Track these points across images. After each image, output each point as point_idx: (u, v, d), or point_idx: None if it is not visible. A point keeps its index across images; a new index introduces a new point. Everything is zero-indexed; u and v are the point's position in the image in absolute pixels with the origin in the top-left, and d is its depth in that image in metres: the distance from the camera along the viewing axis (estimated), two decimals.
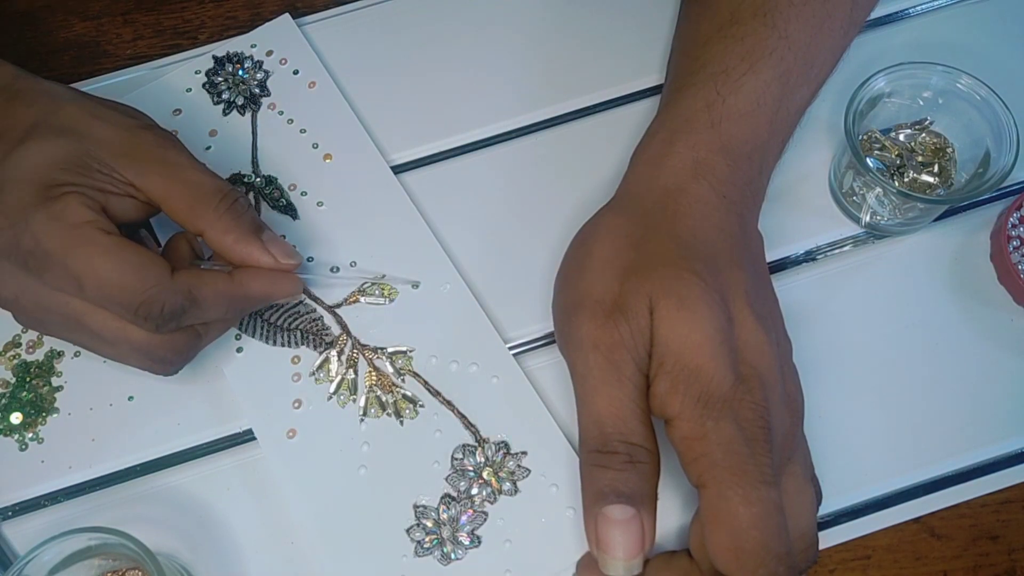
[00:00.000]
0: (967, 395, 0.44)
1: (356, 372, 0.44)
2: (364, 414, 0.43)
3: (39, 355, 0.45)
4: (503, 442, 0.42)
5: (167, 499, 0.43)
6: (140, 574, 0.41)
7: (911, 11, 0.52)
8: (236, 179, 0.48)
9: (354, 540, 0.41)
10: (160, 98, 0.50)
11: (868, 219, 0.46)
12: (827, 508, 0.42)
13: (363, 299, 0.45)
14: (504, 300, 0.46)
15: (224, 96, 0.50)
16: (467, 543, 0.41)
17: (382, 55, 0.52)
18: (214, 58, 0.51)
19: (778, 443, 0.34)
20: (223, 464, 0.43)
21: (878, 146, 0.46)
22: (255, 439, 0.43)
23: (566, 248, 0.41)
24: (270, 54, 0.51)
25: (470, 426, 0.43)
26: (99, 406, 0.44)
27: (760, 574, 0.33)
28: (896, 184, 0.45)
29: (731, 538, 0.33)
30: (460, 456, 0.42)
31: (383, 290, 0.45)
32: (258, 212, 0.48)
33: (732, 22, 0.42)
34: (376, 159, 0.48)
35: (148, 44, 0.53)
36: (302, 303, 0.45)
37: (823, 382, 0.44)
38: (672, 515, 0.41)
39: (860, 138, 0.46)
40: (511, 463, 0.42)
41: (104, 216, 0.37)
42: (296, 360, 0.44)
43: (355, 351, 0.44)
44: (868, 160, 0.45)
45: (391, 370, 0.44)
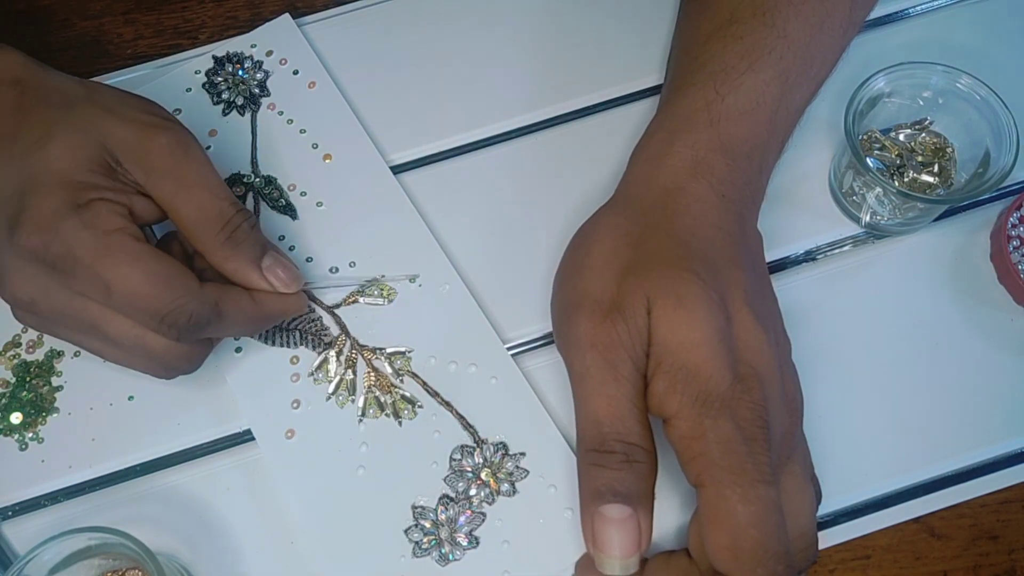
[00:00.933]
0: (967, 395, 0.44)
1: (355, 372, 0.44)
2: (363, 414, 0.43)
3: (39, 355, 0.45)
4: (502, 443, 0.42)
5: (167, 499, 0.43)
6: (140, 574, 0.41)
7: (911, 11, 0.52)
8: (235, 179, 0.48)
9: (352, 540, 0.41)
10: (160, 98, 0.50)
11: (868, 219, 0.46)
12: (827, 508, 0.42)
13: (362, 299, 0.45)
14: (503, 300, 0.46)
15: (224, 96, 0.50)
16: (465, 544, 0.41)
17: (382, 55, 0.52)
18: (214, 58, 0.51)
19: (776, 442, 0.34)
20: (223, 464, 0.43)
21: (878, 146, 0.46)
22: (255, 439, 0.43)
23: (565, 248, 0.41)
24: (270, 54, 0.51)
25: (468, 427, 0.43)
26: (99, 406, 0.44)
27: (759, 573, 0.33)
28: (896, 184, 0.45)
29: (729, 537, 0.33)
30: (458, 457, 0.42)
31: (382, 290, 0.45)
32: (257, 212, 0.48)
33: (731, 21, 0.42)
34: (375, 159, 0.48)
35: (148, 44, 0.53)
36: None
37: (823, 382, 0.44)
38: (671, 515, 0.41)
39: (860, 138, 0.46)
40: (509, 464, 0.42)
41: (132, 222, 0.37)
42: (295, 360, 0.44)
43: (354, 351, 0.44)
44: (868, 160, 0.45)
45: (390, 371, 0.44)
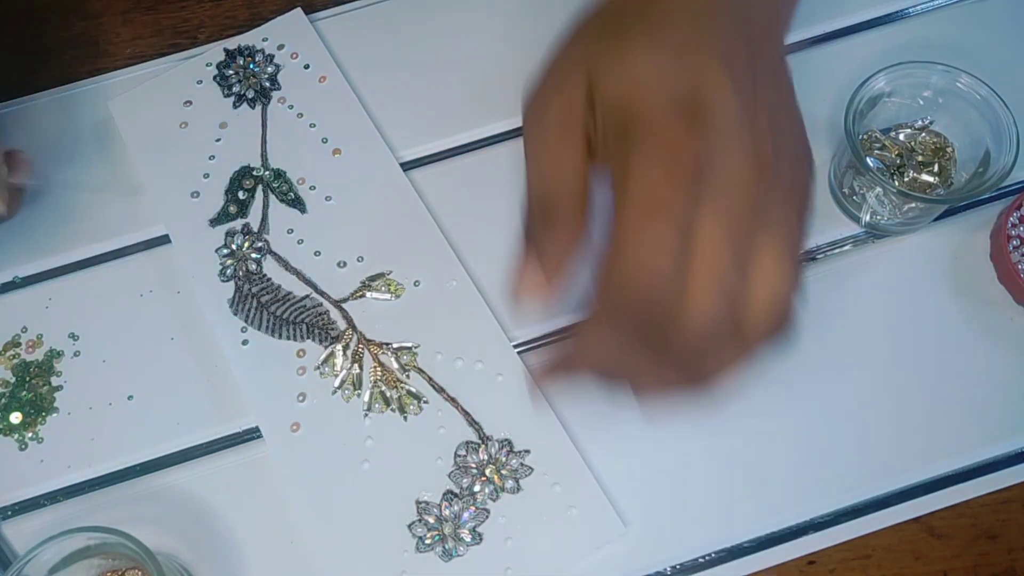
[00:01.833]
0: (967, 395, 0.44)
1: (361, 367, 0.44)
2: (368, 409, 0.43)
3: (39, 355, 0.45)
4: (506, 440, 0.42)
5: (167, 499, 0.43)
6: (140, 574, 0.41)
7: (911, 11, 0.52)
8: (245, 172, 0.48)
9: (356, 534, 0.41)
10: (171, 89, 0.50)
11: (868, 219, 0.46)
12: (827, 508, 0.42)
13: (369, 294, 0.45)
14: (508, 298, 0.45)
15: (235, 89, 0.50)
16: (468, 540, 0.41)
17: (392, 51, 0.52)
18: (225, 51, 0.51)
19: (724, 198, 0.30)
20: (223, 464, 0.43)
21: (878, 146, 0.46)
22: (255, 439, 0.43)
23: None
24: (281, 48, 0.51)
25: (474, 423, 0.43)
26: (99, 406, 0.44)
27: (614, 301, 0.31)
28: (896, 184, 0.45)
29: (605, 266, 0.31)
30: (463, 453, 0.42)
31: (389, 286, 0.45)
32: (266, 205, 0.48)
33: None
34: (385, 155, 0.48)
35: (147, 43, 0.53)
36: (308, 297, 0.45)
37: (823, 382, 0.44)
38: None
39: (860, 138, 0.46)
40: (514, 461, 0.42)
41: None
42: (301, 354, 0.44)
43: (360, 346, 0.44)
44: (868, 160, 0.45)
45: (396, 366, 0.44)
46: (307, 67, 0.51)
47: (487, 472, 0.42)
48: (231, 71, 0.51)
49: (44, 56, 0.53)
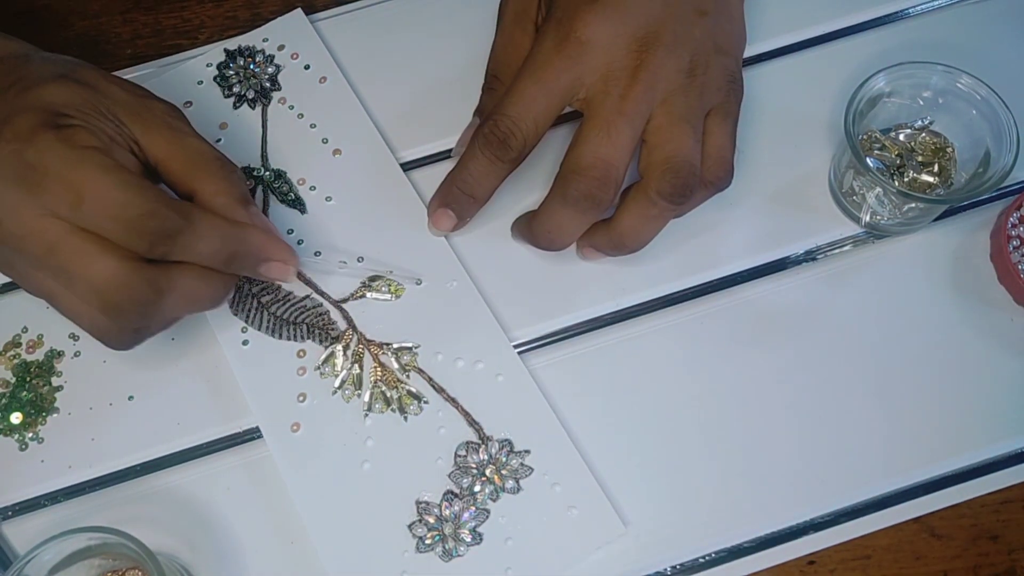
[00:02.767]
0: (967, 395, 0.44)
1: (361, 367, 0.44)
2: (368, 409, 0.43)
3: (39, 355, 0.45)
4: (506, 440, 0.42)
5: (167, 499, 0.43)
6: (140, 574, 0.41)
7: (911, 11, 0.52)
8: (245, 172, 0.48)
9: (356, 534, 0.41)
10: (171, 89, 0.50)
11: (868, 219, 0.46)
12: (827, 508, 0.42)
13: (369, 295, 0.45)
14: (509, 299, 0.46)
15: (235, 89, 0.50)
16: (469, 540, 0.41)
17: (393, 51, 0.52)
18: (226, 51, 0.51)
19: (667, 102, 0.41)
20: (223, 464, 0.43)
21: (878, 146, 0.46)
22: (255, 439, 0.43)
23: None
24: (282, 48, 0.51)
25: (474, 423, 0.43)
26: (99, 406, 0.44)
27: (570, 181, 0.40)
28: (896, 184, 0.45)
29: (566, 156, 0.41)
30: (463, 453, 0.42)
31: (390, 286, 0.45)
32: (266, 205, 0.48)
33: None
34: (385, 155, 0.49)
35: (147, 44, 0.53)
36: (308, 297, 0.45)
37: (823, 382, 0.44)
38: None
39: (860, 138, 0.46)
40: (514, 461, 0.42)
41: (109, 152, 0.38)
42: (302, 354, 0.44)
43: (361, 346, 0.44)
44: (868, 160, 0.45)
45: (396, 366, 0.44)
46: (307, 68, 0.51)
47: (487, 472, 0.42)
48: (231, 71, 0.51)
49: None
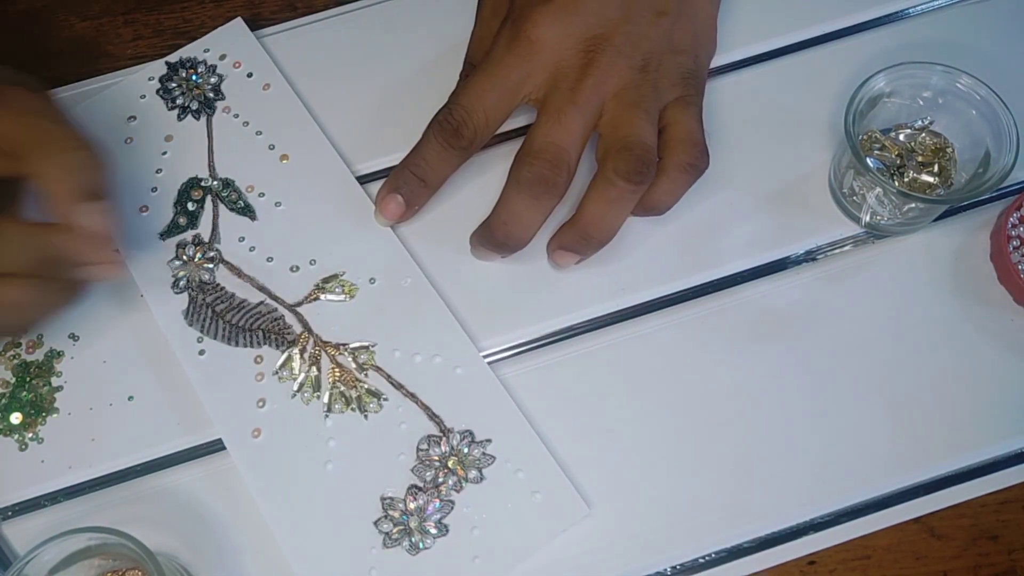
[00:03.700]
0: (967, 395, 0.44)
1: (319, 369, 0.44)
2: (329, 410, 0.43)
3: (39, 355, 0.45)
4: (468, 431, 0.42)
5: (167, 499, 0.43)
6: (140, 574, 0.41)
7: (911, 11, 0.52)
8: (193, 183, 0.48)
9: (323, 535, 0.41)
10: (114, 105, 0.50)
11: (868, 219, 0.46)
12: (827, 508, 0.42)
13: (323, 296, 0.46)
14: (476, 309, 0.46)
15: (178, 101, 0.50)
16: (435, 532, 0.41)
17: (345, 65, 0.51)
18: (167, 64, 0.51)
19: (619, 95, 0.43)
20: (223, 464, 0.43)
21: (878, 146, 0.46)
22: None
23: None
24: (223, 58, 0.51)
25: (434, 417, 0.43)
26: (99, 406, 0.44)
27: (522, 167, 0.42)
28: (896, 184, 0.45)
29: (520, 147, 0.43)
30: (425, 447, 0.42)
31: (343, 287, 0.46)
32: (216, 215, 0.48)
33: None
34: (332, 157, 0.49)
35: (148, 44, 0.53)
36: (263, 303, 0.45)
37: (823, 382, 0.44)
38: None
39: (860, 138, 0.46)
40: (476, 451, 0.42)
41: None
42: (259, 360, 0.44)
43: (317, 348, 0.44)
44: (868, 160, 0.45)
45: (354, 365, 0.44)
46: (250, 75, 0.51)
47: (450, 464, 0.42)
48: (174, 84, 0.51)
49: (45, 57, 0.53)
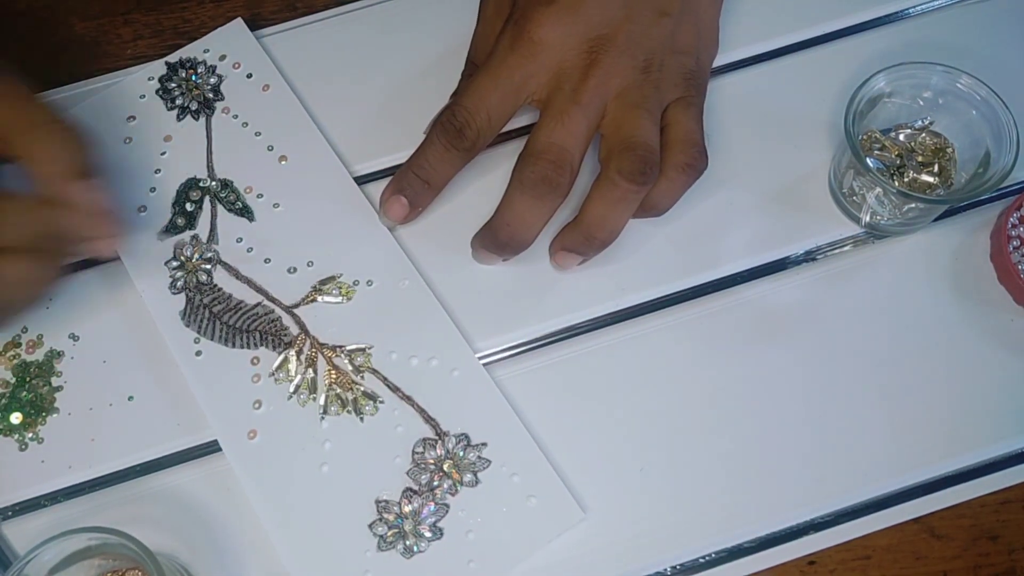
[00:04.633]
0: (967, 395, 0.44)
1: (315, 371, 0.44)
2: (325, 412, 0.43)
3: (39, 355, 0.45)
4: (463, 434, 0.42)
5: (167, 499, 0.43)
6: (140, 574, 0.41)
7: (911, 11, 0.52)
8: (192, 184, 0.48)
9: (317, 537, 0.41)
10: (113, 105, 0.50)
11: (868, 219, 0.46)
12: (827, 508, 0.42)
13: (320, 298, 0.45)
14: (474, 311, 0.45)
15: (178, 102, 0.50)
16: (429, 536, 0.41)
17: (344, 66, 0.51)
18: (167, 64, 0.51)
19: (622, 95, 0.43)
20: (223, 464, 0.43)
21: (878, 146, 0.46)
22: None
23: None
24: (223, 59, 0.51)
25: (430, 420, 0.43)
26: (99, 406, 0.44)
27: (525, 167, 0.42)
28: (896, 184, 0.45)
29: (523, 147, 0.43)
30: (421, 450, 0.42)
31: (340, 288, 0.46)
32: (214, 216, 0.48)
33: None
34: (331, 159, 0.49)
35: (148, 44, 0.53)
36: (260, 304, 0.45)
37: (823, 382, 0.44)
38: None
39: (860, 138, 0.46)
40: (472, 455, 0.42)
41: None
42: (255, 361, 0.44)
43: (314, 350, 0.44)
44: (868, 160, 0.45)
45: (350, 368, 0.44)
46: (250, 76, 0.51)
47: (445, 467, 0.42)
48: (173, 84, 0.51)
49: (45, 57, 0.53)
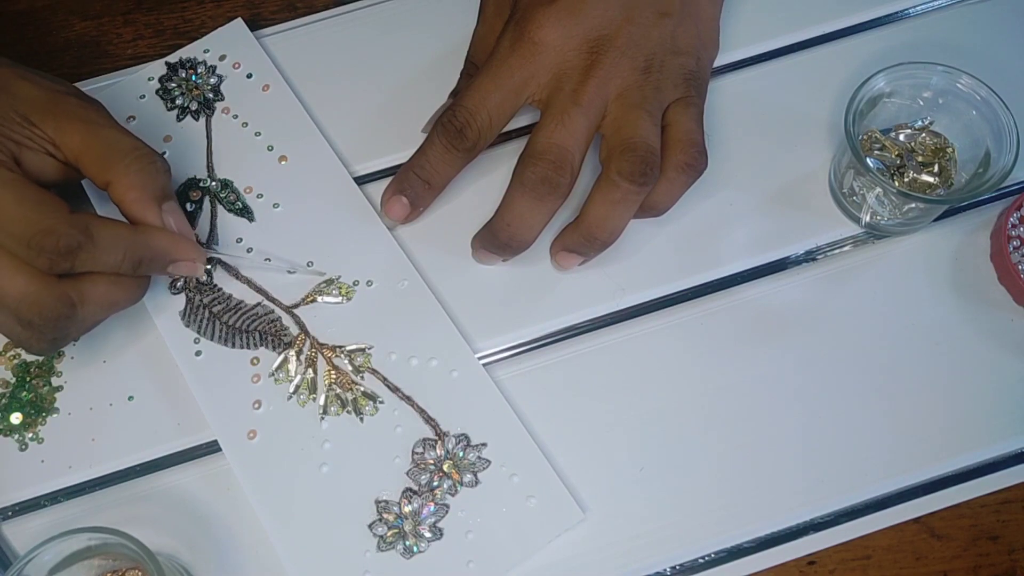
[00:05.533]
0: (967, 395, 0.44)
1: (315, 371, 0.44)
2: (324, 412, 0.43)
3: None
4: (463, 435, 0.42)
5: (167, 499, 0.43)
6: (140, 574, 0.41)
7: (911, 11, 0.52)
8: (191, 183, 0.48)
9: (317, 537, 0.41)
10: (113, 105, 0.50)
11: (868, 219, 0.46)
12: (827, 508, 0.42)
13: (320, 298, 0.46)
14: (473, 311, 0.46)
15: (178, 102, 0.50)
16: (429, 536, 0.41)
17: (343, 66, 0.52)
18: (167, 64, 0.51)
19: (623, 95, 0.43)
20: (223, 464, 0.43)
21: (878, 146, 0.46)
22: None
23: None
24: (223, 59, 0.51)
25: (430, 420, 0.43)
26: (99, 406, 0.44)
27: (526, 168, 0.42)
28: (896, 184, 0.45)
29: (524, 148, 0.43)
30: (420, 450, 0.42)
31: (340, 289, 0.46)
32: (214, 216, 0.48)
33: None
34: (331, 159, 0.49)
35: (148, 44, 0.53)
36: (260, 305, 0.45)
37: (823, 382, 0.44)
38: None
39: (860, 138, 0.46)
40: (471, 455, 0.42)
41: (12, 162, 0.38)
42: (255, 361, 0.44)
43: (314, 350, 0.44)
44: (868, 160, 0.45)
45: (350, 368, 0.44)
46: (250, 76, 0.51)
47: (445, 468, 0.42)
48: (173, 84, 0.51)
49: (45, 57, 0.53)
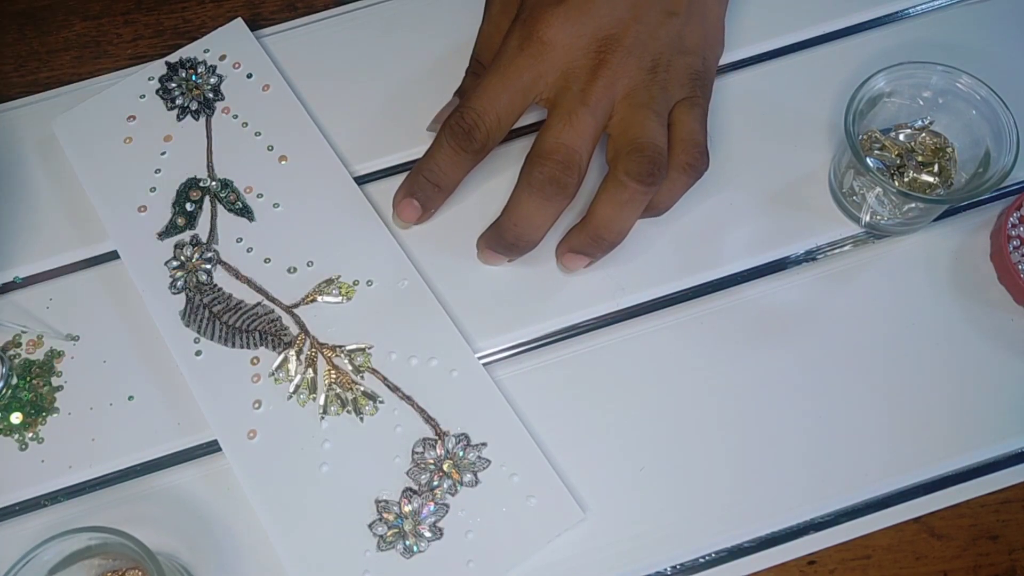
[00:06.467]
0: (967, 395, 0.44)
1: (315, 371, 0.44)
2: (324, 412, 0.43)
3: (39, 355, 0.45)
4: (463, 434, 0.42)
5: (167, 499, 0.43)
6: (140, 574, 0.41)
7: (911, 11, 0.52)
8: (192, 184, 0.48)
9: (317, 537, 0.41)
10: (114, 104, 0.50)
11: (868, 219, 0.46)
12: (827, 508, 0.42)
13: (320, 298, 0.46)
14: (474, 311, 0.46)
15: (178, 102, 0.50)
16: (429, 536, 0.41)
17: (344, 66, 0.52)
18: (167, 64, 0.51)
19: (630, 95, 0.43)
20: (223, 464, 0.43)
21: (878, 146, 0.46)
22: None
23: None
24: (223, 58, 0.51)
25: (430, 420, 0.43)
26: (99, 406, 0.44)
27: (533, 168, 0.42)
28: (896, 184, 0.45)
29: (531, 147, 0.43)
30: (420, 450, 0.42)
31: (340, 288, 0.46)
32: (214, 216, 0.48)
33: None
34: (331, 159, 0.49)
35: (148, 44, 0.53)
36: (260, 304, 0.45)
37: (823, 382, 0.44)
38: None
39: (860, 138, 0.46)
40: (471, 455, 0.42)
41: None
42: (255, 361, 0.44)
43: (314, 350, 0.44)
44: (868, 160, 0.45)
45: (350, 367, 0.44)
46: (250, 76, 0.51)
47: (445, 467, 0.42)
48: (174, 84, 0.51)
49: (45, 57, 0.53)
